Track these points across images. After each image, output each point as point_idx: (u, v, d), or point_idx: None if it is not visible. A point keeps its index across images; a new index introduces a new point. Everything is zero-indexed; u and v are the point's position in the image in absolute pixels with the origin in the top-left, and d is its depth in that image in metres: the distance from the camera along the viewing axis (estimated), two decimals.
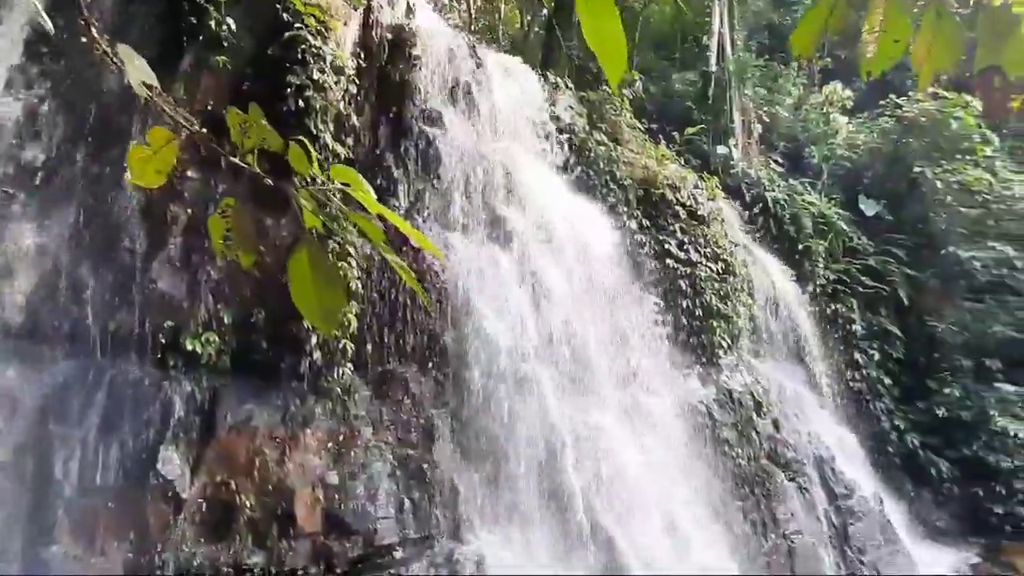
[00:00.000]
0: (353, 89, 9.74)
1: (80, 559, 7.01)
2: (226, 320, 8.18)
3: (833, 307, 15.83)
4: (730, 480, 12.32)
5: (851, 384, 15.60)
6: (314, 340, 8.31)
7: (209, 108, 8.25)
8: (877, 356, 15.93)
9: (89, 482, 7.13)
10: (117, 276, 7.77)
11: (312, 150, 2.46)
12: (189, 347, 7.86)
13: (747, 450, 12.86)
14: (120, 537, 7.21)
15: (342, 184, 2.59)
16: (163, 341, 7.78)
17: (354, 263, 8.91)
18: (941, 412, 15.20)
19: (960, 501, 14.83)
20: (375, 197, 2.59)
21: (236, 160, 2.45)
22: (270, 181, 2.51)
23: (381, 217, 2.67)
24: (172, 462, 7.51)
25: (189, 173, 8.14)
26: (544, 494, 9.53)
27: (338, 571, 8.21)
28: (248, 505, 7.88)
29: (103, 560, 7.13)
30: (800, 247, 15.81)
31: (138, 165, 2.45)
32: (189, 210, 8.11)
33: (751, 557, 11.90)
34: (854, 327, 15.83)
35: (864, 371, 15.69)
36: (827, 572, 12.67)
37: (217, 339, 8.09)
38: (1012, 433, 14.27)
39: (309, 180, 2.60)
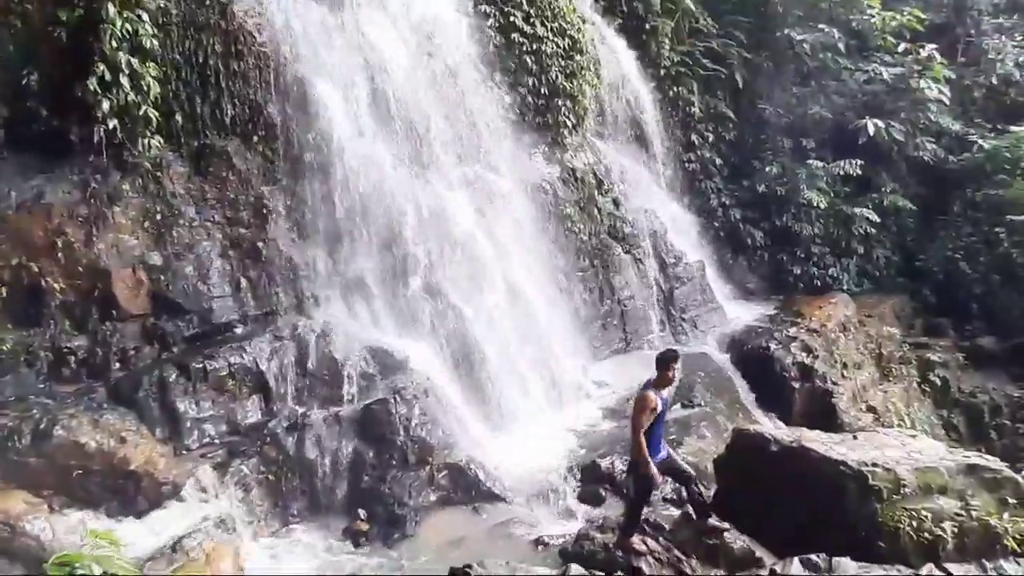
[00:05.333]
0: None
1: None
2: None
3: (675, 90, 16.23)
4: (572, 253, 13.10)
5: (686, 164, 16.57)
6: (106, 106, 7.28)
7: None
8: (711, 138, 16.85)
9: None
10: None
11: None
12: None
13: (588, 226, 13.60)
14: None
15: None
16: None
17: (146, 16, 7.66)
18: (761, 188, 16.69)
19: (768, 265, 16.90)
20: None
21: None
22: None
23: None
24: None
25: None
26: (388, 266, 9.64)
27: (174, 349, 8.07)
28: (58, 288, 7.30)
29: None
30: (647, 27, 15.67)
31: None
32: None
33: (589, 319, 13.13)
34: (693, 109, 16.45)
35: (699, 152, 16.65)
36: (654, 329, 14.32)
37: None
38: (815, 204, 16.06)
39: None
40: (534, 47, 12.71)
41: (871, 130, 15.97)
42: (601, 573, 3.69)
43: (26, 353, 7.04)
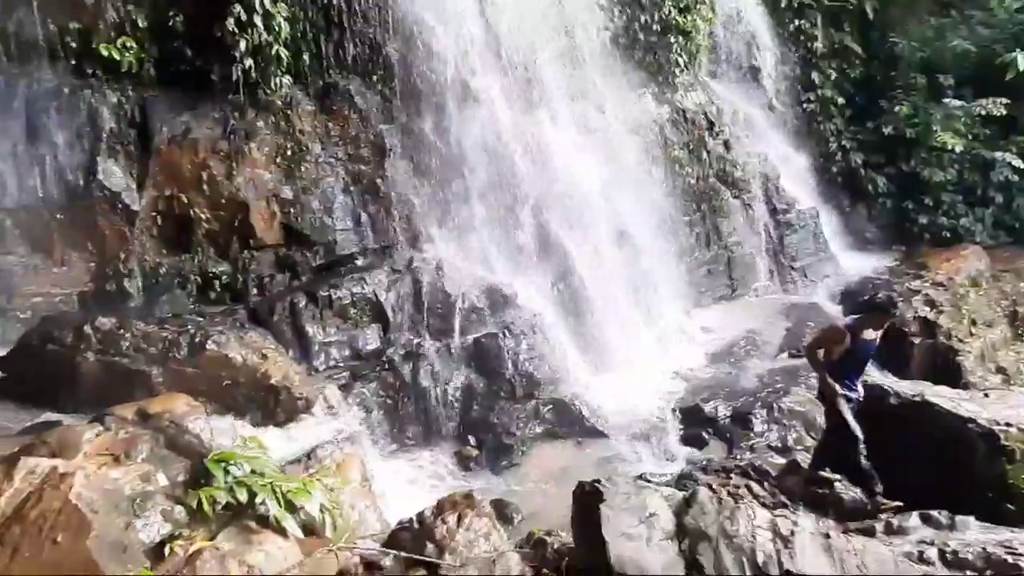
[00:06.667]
0: None
1: (41, 269, 7.16)
2: (140, 23, 7.47)
3: (796, 23, 15.18)
4: (679, 196, 12.80)
5: (804, 105, 15.60)
6: (243, 45, 7.71)
7: None
8: (834, 75, 15.72)
9: (31, 194, 7.01)
10: None
11: None
12: (105, 53, 7.25)
13: (697, 169, 13.20)
14: (78, 248, 7.30)
15: None
16: (73, 46, 7.13)
17: None
18: (888, 130, 15.48)
19: (890, 214, 15.83)
20: None
21: None
22: None
23: None
24: (114, 174, 7.37)
25: None
26: (497, 205, 9.81)
27: (303, 278, 8.65)
28: (204, 218, 7.95)
29: (66, 270, 7.30)
30: None
31: None
32: None
33: (694, 265, 12.89)
34: (815, 45, 15.36)
35: (819, 91, 15.59)
36: (761, 277, 13.89)
37: (135, 45, 7.45)
38: (950, 147, 14.75)
39: None
40: None
41: (1021, 65, 14.39)
42: (728, 498, 3.77)
43: (178, 276, 7.79)
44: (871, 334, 6.12)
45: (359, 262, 8.99)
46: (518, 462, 8.48)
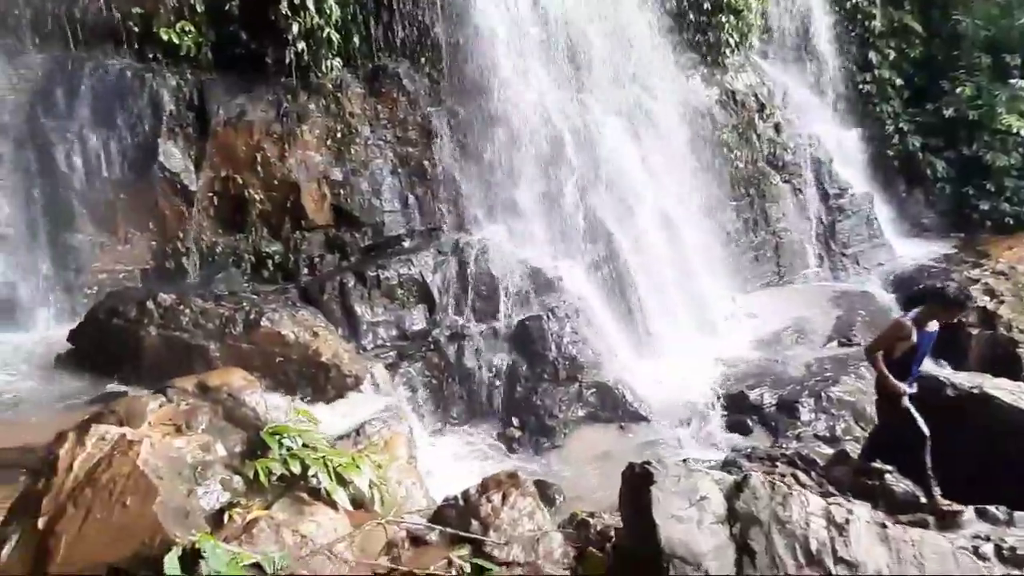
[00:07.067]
0: None
1: (107, 247, 7.46)
2: (198, 8, 7.65)
3: (853, 1, 14.64)
4: (726, 180, 12.58)
5: (860, 86, 15.05)
6: (296, 29, 7.83)
7: None
8: (893, 55, 15.13)
9: (96, 174, 7.29)
10: None
11: None
12: (165, 38, 7.46)
13: (746, 152, 12.93)
14: (141, 227, 7.58)
15: None
16: (136, 30, 7.35)
17: None
18: (949, 112, 14.85)
19: (949, 199, 15.22)
20: None
21: None
22: None
23: None
24: (174, 156, 7.60)
25: None
26: (544, 188, 9.79)
27: (351, 258, 8.81)
28: (258, 199, 8.15)
29: (130, 248, 7.59)
30: None
31: None
32: None
33: (741, 250, 12.68)
34: (873, 23, 14.78)
35: (876, 72, 15.02)
36: (811, 263, 13.58)
37: (193, 29, 7.64)
38: (1015, 130, 14.10)
39: None
40: None
41: None
42: (781, 484, 3.73)
43: (233, 255, 8.03)
44: (934, 325, 5.84)
45: (406, 243, 9.12)
46: (560, 444, 8.53)
